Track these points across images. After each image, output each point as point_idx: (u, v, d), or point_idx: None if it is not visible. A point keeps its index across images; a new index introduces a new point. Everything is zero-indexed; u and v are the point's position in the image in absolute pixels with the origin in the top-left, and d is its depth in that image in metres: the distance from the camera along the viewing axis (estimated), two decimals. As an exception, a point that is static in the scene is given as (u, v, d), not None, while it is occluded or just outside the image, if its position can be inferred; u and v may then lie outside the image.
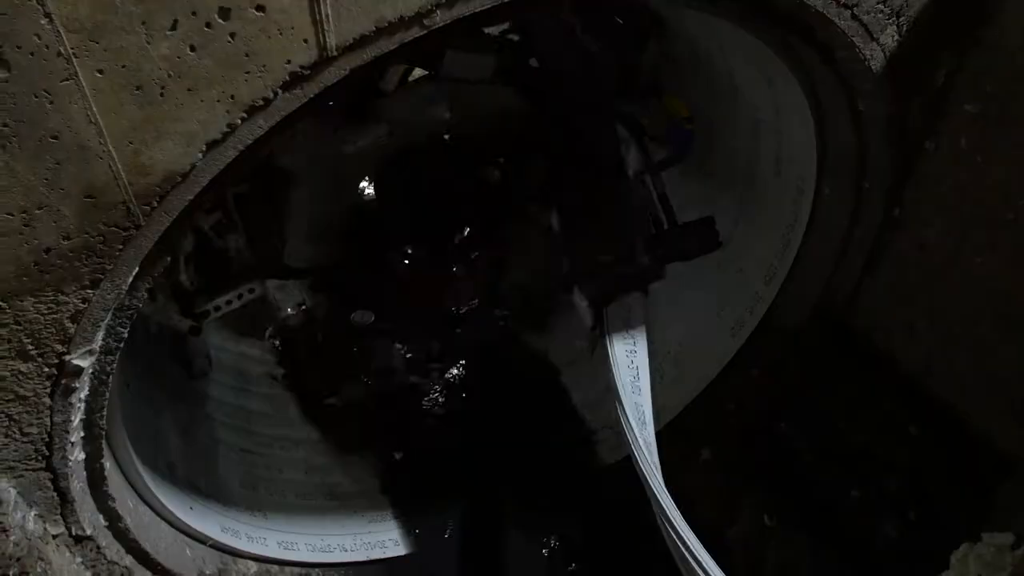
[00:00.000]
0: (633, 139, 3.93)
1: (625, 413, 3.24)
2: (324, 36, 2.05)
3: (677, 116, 4.03)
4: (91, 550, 2.76)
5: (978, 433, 3.29)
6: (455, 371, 5.37)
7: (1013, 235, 3.03)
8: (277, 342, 4.39)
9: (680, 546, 2.85)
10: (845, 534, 3.71)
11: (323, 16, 2.02)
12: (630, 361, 3.40)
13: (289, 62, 2.05)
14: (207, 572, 3.42)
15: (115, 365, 2.44)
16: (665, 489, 3.02)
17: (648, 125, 4.08)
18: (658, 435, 4.49)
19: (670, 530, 2.91)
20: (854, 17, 2.76)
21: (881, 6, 2.78)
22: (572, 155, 3.88)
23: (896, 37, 2.89)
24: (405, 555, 4.31)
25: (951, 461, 3.40)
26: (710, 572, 2.74)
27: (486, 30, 3.95)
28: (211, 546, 3.49)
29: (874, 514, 3.64)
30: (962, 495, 3.28)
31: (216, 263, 3.75)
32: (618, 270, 3.55)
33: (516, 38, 4.08)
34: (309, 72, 2.09)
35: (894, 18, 2.83)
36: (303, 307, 4.04)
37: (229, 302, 3.73)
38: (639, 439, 3.16)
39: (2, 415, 2.29)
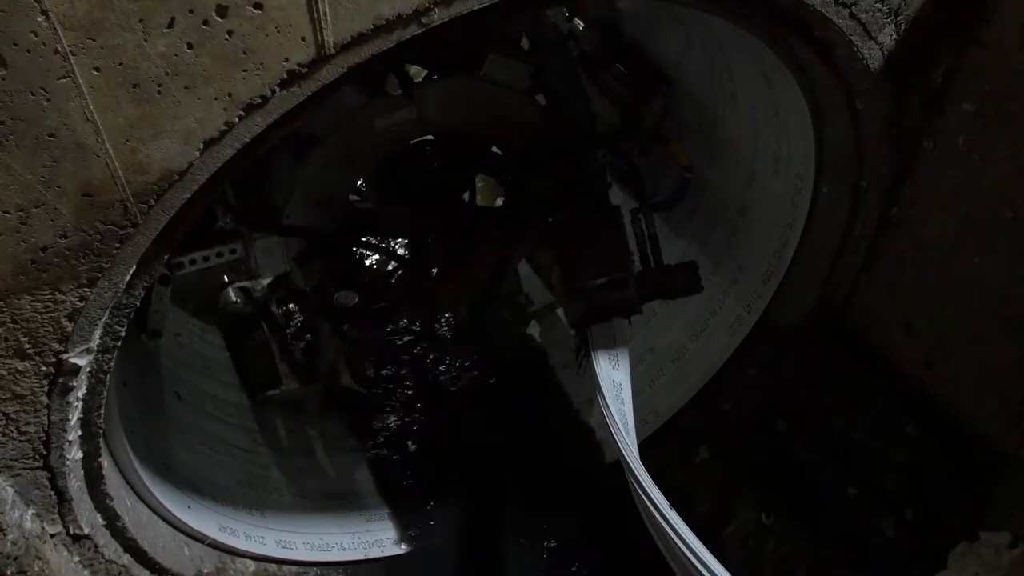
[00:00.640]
0: (630, 179, 4.12)
1: (605, 400, 3.33)
2: (322, 34, 2.05)
3: (678, 164, 4.22)
4: (89, 549, 2.76)
5: (976, 432, 3.30)
6: (456, 370, 5.39)
7: (1011, 235, 3.03)
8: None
9: (650, 506, 2.90)
10: (843, 533, 3.71)
11: (321, 14, 2.01)
12: (613, 369, 3.46)
13: (287, 60, 2.05)
14: (205, 571, 3.41)
15: (113, 364, 2.44)
16: (639, 458, 3.09)
17: (647, 168, 4.24)
18: (656, 434, 4.54)
19: (642, 495, 2.94)
20: (852, 16, 2.76)
21: (879, 5, 2.78)
22: (570, 184, 4.01)
23: (894, 36, 2.89)
24: (403, 554, 4.31)
25: (949, 460, 3.40)
26: (677, 526, 2.78)
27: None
28: (209, 545, 3.49)
29: (871, 513, 3.64)
30: (959, 494, 3.28)
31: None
32: (609, 295, 3.64)
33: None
34: (307, 70, 2.09)
35: (892, 17, 2.83)
36: (251, 289, 3.98)
37: (207, 258, 3.60)
38: (613, 411, 3.26)
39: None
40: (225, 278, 4.06)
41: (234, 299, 3.97)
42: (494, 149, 4.36)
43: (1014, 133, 2.93)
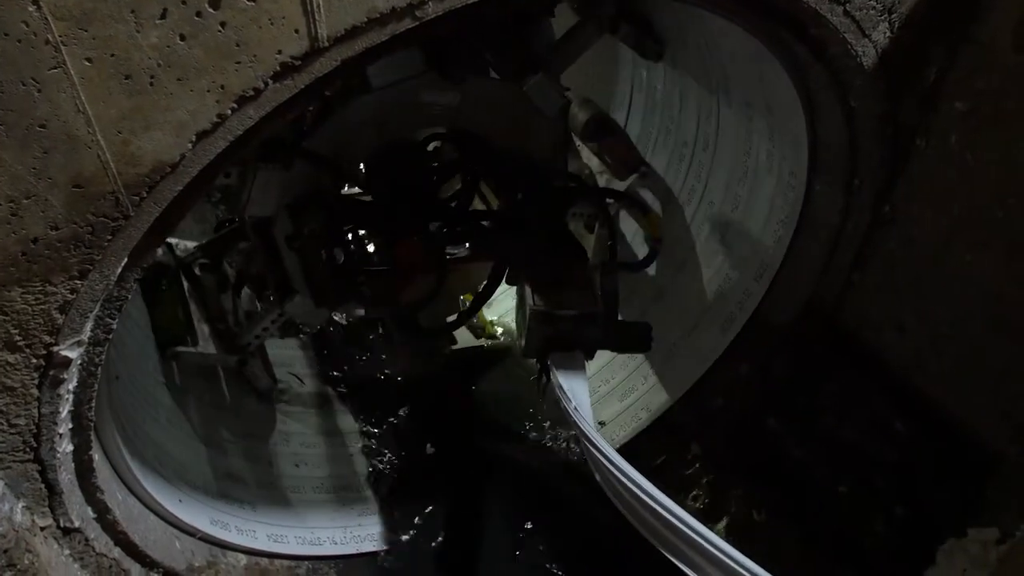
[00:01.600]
0: (607, 235, 4.36)
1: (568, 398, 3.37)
2: (315, 26, 2.04)
3: (650, 233, 4.53)
4: (79, 542, 2.75)
5: (966, 430, 3.31)
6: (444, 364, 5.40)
7: (1004, 234, 3.04)
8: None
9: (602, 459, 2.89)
10: (833, 530, 3.73)
11: (314, 6, 2.01)
12: (577, 385, 3.48)
13: (280, 52, 2.05)
14: (196, 564, 3.41)
15: (104, 356, 2.43)
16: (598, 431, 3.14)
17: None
18: (647, 430, 4.55)
19: (599, 457, 2.93)
20: (846, 13, 2.76)
21: (873, 2, 2.78)
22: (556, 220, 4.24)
23: (888, 34, 2.90)
24: (395, 547, 4.31)
25: (939, 458, 3.42)
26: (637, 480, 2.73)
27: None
28: (200, 538, 3.48)
29: (862, 511, 3.66)
30: (949, 492, 3.30)
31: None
32: (577, 328, 3.70)
33: None
34: (300, 63, 2.09)
35: (886, 15, 2.84)
36: (174, 245, 3.89)
37: None
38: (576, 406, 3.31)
39: (-11, 406, 2.28)
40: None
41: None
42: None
43: (1006, 132, 2.94)
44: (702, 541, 2.42)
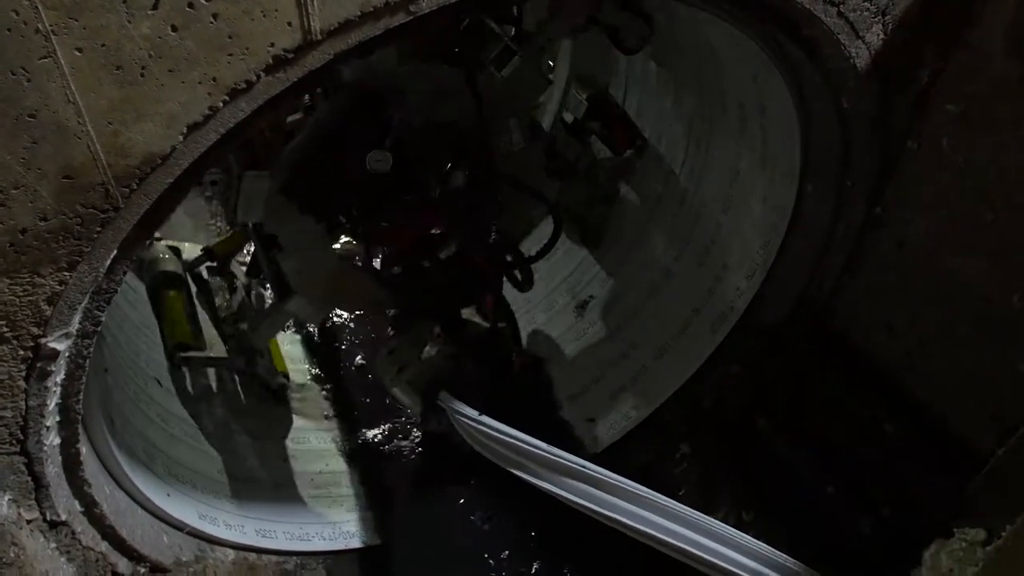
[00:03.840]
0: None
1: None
2: (308, 19, 2.03)
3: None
4: (66, 535, 2.73)
5: (953, 431, 3.33)
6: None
7: (993, 237, 3.06)
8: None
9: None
10: (821, 530, 3.74)
11: (307, -1, 2.00)
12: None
13: (272, 45, 2.04)
14: (184, 559, 3.39)
15: (92, 349, 2.42)
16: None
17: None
18: (637, 429, 4.56)
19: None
20: (840, 15, 2.77)
21: (867, 4, 2.79)
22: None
23: (881, 36, 2.90)
24: (384, 544, 4.30)
25: (926, 458, 3.44)
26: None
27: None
28: (188, 533, 3.47)
29: (850, 510, 3.67)
30: (936, 492, 3.31)
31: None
32: (475, 382, 3.78)
33: None
34: (293, 56, 2.08)
35: (880, 16, 2.84)
36: None
37: None
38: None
39: (-25, 397, 2.27)
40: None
41: None
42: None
43: (996, 136, 2.96)
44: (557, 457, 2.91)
